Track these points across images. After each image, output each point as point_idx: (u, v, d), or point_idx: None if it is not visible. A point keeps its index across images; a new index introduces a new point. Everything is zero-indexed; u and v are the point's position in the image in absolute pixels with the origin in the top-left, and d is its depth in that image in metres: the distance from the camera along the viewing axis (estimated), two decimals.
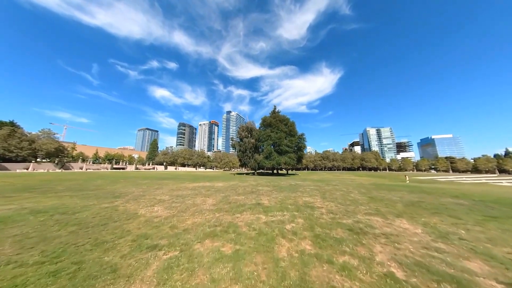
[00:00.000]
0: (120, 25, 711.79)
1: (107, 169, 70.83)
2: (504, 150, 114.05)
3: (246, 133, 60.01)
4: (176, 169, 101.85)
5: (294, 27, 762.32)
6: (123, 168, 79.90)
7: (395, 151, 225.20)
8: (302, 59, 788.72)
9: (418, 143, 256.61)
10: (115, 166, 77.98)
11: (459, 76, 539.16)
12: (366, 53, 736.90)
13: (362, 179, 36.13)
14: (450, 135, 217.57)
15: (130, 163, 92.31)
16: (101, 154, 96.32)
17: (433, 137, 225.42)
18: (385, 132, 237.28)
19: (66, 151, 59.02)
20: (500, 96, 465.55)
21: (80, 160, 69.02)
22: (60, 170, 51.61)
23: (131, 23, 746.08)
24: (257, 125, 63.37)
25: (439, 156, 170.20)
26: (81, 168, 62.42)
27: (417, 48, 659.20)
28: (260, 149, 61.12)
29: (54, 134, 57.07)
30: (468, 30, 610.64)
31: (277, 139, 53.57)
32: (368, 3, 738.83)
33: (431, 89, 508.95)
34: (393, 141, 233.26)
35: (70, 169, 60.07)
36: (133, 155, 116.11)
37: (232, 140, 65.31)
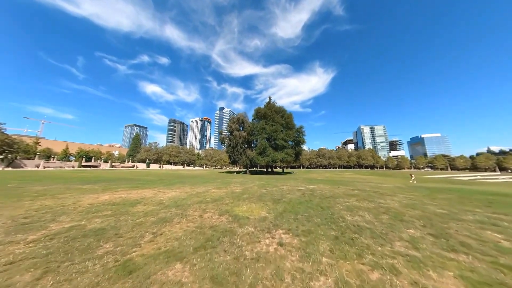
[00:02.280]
0: (108, 16, 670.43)
1: (73, 167, 60.25)
2: (486, 149, 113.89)
3: (237, 125, 51.72)
4: (160, 167, 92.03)
5: (289, 25, 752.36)
6: (95, 166, 69.28)
7: (388, 149, 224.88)
8: (296, 58, 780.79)
9: (408, 142, 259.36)
10: (84, 163, 67.25)
11: (447, 77, 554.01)
12: (358, 54, 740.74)
13: (379, 179, 28.95)
14: (438, 134, 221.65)
15: (107, 161, 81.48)
16: (73, 150, 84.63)
17: (422, 136, 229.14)
18: (379, 130, 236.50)
19: (16, 145, 48.23)
20: (484, 97, 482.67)
21: (37, 156, 58.10)
22: (1, 168, 41.20)
23: (120, 15, 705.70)
24: (250, 120, 54.54)
25: (428, 154, 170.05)
26: (37, 166, 51.79)
27: (407, 51, 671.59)
28: (253, 144, 53.29)
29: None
30: (456, 34, 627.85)
31: (272, 132, 45.47)
32: (361, 5, 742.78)
33: (421, 89, 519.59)
34: (386, 139, 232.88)
35: (22, 167, 49.39)
36: (112, 152, 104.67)
37: (221, 134, 56.84)
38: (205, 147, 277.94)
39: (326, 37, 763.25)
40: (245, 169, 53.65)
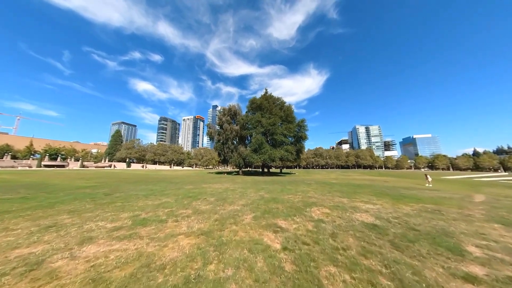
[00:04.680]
0: (97, 9, 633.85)
1: (29, 167, 50.12)
2: (473, 150, 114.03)
3: (228, 117, 43.65)
4: (143, 167, 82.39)
5: (284, 27, 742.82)
6: (61, 166, 59.11)
7: (383, 149, 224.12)
8: (291, 59, 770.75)
9: (400, 142, 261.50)
10: (48, 162, 57.00)
11: (438, 78, 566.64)
12: (351, 57, 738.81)
13: (405, 181, 21.84)
14: (429, 135, 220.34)
15: (79, 159, 71.07)
16: (41, 147, 73.56)
17: (414, 136, 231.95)
18: (374, 130, 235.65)
19: None
20: (470, 99, 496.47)
21: None
22: None
23: (110, 9, 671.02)
24: (244, 114, 46.27)
25: (420, 154, 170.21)
26: None
27: (398, 54, 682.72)
28: (247, 140, 45.53)
29: None
30: (446, 38, 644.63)
31: (269, 125, 37.82)
32: (354, 10, 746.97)
33: (412, 91, 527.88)
34: (381, 139, 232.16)
35: None
36: (90, 150, 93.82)
37: (210, 128, 48.67)
38: (198, 146, 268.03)
39: (320, 39, 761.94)
40: (238, 169, 45.92)
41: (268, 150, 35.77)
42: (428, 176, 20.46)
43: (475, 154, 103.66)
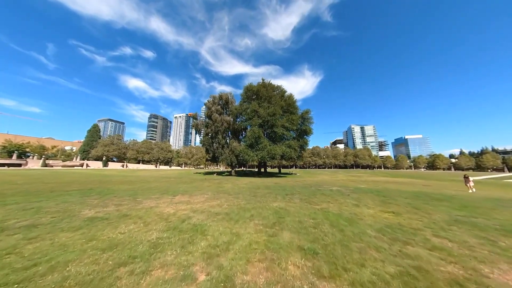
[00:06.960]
0: (85, 1, 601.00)
1: None
2: (459, 150, 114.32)
3: (219, 107, 35.99)
4: (124, 166, 73.04)
5: (280, 27, 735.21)
6: (17, 165, 49.29)
7: (378, 149, 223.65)
8: (286, 60, 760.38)
9: (392, 143, 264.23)
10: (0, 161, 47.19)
11: (428, 80, 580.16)
12: (345, 59, 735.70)
13: (446, 185, 15.19)
14: (420, 136, 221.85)
15: (42, 157, 61.00)
16: None
17: (406, 137, 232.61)
18: (369, 130, 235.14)
19: None
20: (459, 100, 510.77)
21: None
22: None
23: (99, 1, 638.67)
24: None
25: (411, 154, 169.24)
26: None
27: (391, 57, 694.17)
28: (241, 134, 38.24)
29: None
30: (437, 42, 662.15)
31: (268, 116, 30.61)
32: (347, 13, 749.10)
33: (404, 92, 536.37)
34: (375, 139, 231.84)
35: None
36: (63, 147, 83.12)
37: (195, 119, 40.87)
38: (190, 145, 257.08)
39: (315, 41, 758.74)
40: (230, 169, 38.52)
41: (266, 146, 28.74)
42: (470, 179, 14.44)
43: (462, 153, 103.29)
